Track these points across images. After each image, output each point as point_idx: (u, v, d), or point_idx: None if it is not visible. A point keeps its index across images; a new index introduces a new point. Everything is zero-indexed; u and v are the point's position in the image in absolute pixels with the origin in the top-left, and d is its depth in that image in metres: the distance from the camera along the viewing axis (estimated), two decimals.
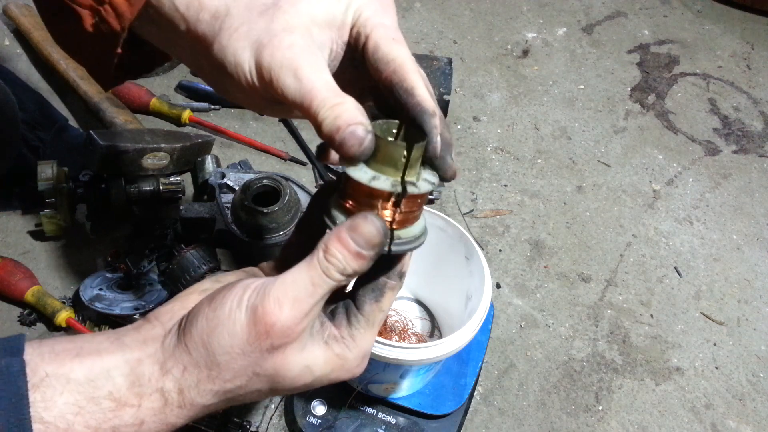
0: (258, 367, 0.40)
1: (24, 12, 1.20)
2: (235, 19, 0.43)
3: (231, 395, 0.42)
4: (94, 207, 0.96)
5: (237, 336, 0.39)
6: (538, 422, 0.85)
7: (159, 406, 0.40)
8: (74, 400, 0.38)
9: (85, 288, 0.85)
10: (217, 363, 0.40)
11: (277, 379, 0.41)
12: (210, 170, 1.00)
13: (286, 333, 0.39)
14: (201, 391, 0.41)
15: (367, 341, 0.44)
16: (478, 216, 1.07)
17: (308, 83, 0.40)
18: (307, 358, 0.42)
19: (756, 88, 1.37)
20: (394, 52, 0.42)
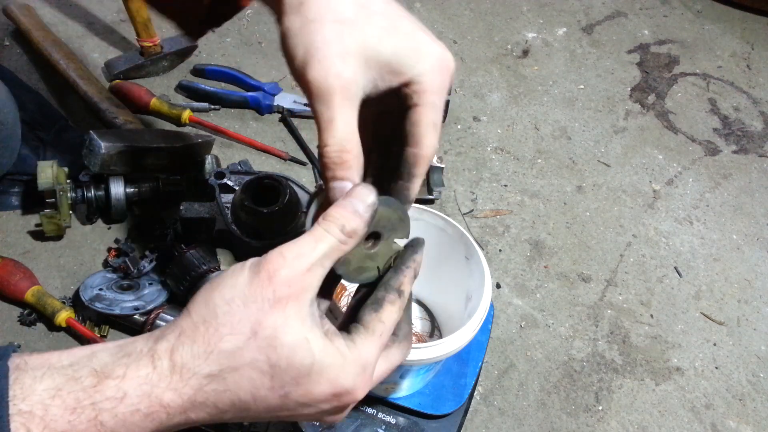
0: (257, 323, 0.38)
1: (24, 12, 1.20)
2: (313, 9, 0.44)
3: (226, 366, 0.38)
4: (94, 207, 0.96)
5: (238, 287, 0.39)
6: (538, 422, 0.85)
7: (146, 373, 0.37)
8: (54, 384, 0.36)
9: (85, 288, 0.85)
10: (215, 316, 0.38)
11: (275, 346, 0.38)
12: (210, 170, 1.00)
13: (289, 282, 0.38)
14: (194, 354, 0.38)
15: (367, 348, 0.42)
16: (478, 216, 1.07)
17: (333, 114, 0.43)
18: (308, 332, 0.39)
19: (756, 88, 1.37)
20: (427, 139, 0.46)
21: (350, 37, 0.43)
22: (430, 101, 0.46)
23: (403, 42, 0.45)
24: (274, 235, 0.91)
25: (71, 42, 1.23)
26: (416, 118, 0.46)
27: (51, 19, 1.27)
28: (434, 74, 0.46)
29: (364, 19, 0.44)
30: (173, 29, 0.64)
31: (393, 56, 0.44)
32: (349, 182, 0.44)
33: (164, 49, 1.18)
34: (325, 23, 0.43)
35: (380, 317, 0.43)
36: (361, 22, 0.44)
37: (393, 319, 0.44)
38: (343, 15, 0.44)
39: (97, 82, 1.11)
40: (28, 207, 0.98)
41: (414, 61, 0.45)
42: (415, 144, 0.47)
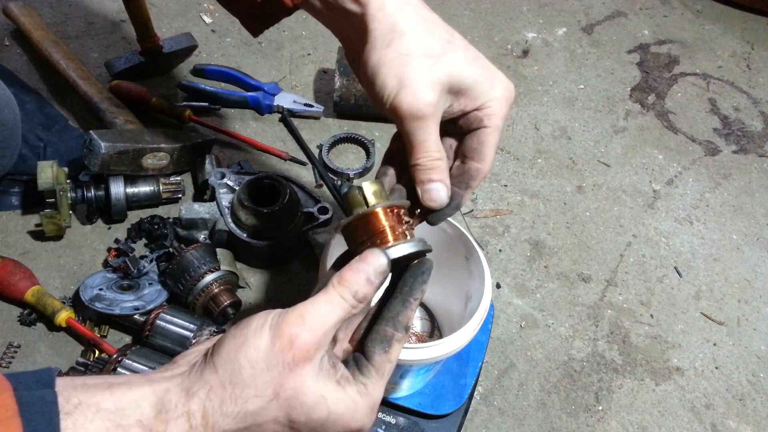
0: (279, 386, 0.42)
1: (24, 12, 1.20)
2: (405, 45, 0.51)
3: (251, 423, 0.43)
4: (94, 207, 0.96)
5: (261, 349, 0.43)
6: (538, 422, 0.85)
7: (184, 430, 0.42)
8: (104, 427, 0.39)
9: (85, 288, 0.85)
10: (242, 378, 0.42)
11: (295, 406, 0.43)
12: (210, 170, 1.00)
13: (308, 347, 0.43)
14: (224, 413, 0.42)
15: (377, 391, 0.46)
16: (478, 216, 1.07)
17: (424, 135, 0.51)
18: (322, 388, 0.44)
19: (756, 88, 1.37)
20: (490, 157, 0.54)
21: (438, 68, 0.51)
22: (497, 124, 0.54)
23: (481, 72, 0.53)
24: (274, 235, 0.91)
25: (71, 42, 1.23)
26: (484, 138, 0.54)
27: (51, 19, 1.27)
28: (502, 101, 0.54)
29: (451, 52, 0.52)
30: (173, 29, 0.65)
31: (472, 84, 0.52)
32: (441, 182, 0.52)
33: (164, 49, 1.18)
34: (416, 57, 0.51)
35: (389, 357, 0.47)
36: (448, 55, 0.51)
37: (398, 355, 0.48)
38: (432, 50, 0.51)
39: (97, 82, 1.11)
40: (28, 207, 0.98)
41: (488, 88, 0.53)
42: (480, 160, 0.54)
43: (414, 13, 0.52)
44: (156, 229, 0.95)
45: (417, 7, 0.53)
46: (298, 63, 1.27)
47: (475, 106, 0.53)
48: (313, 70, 1.26)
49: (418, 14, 0.52)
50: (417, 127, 0.51)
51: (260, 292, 0.94)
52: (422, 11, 0.53)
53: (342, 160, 1.12)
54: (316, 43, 1.31)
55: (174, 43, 1.19)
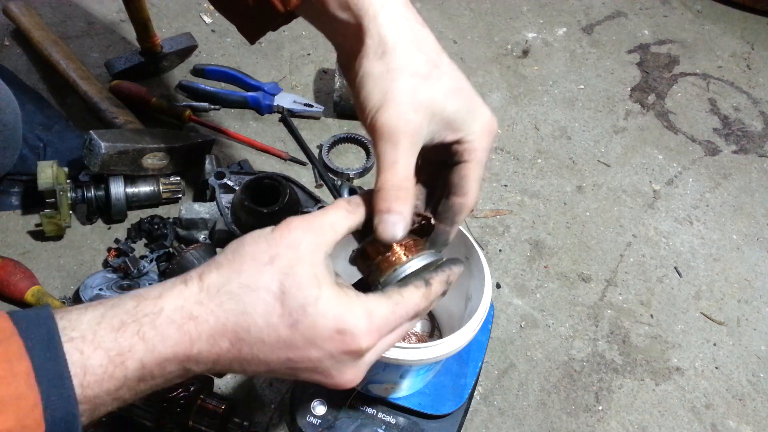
0: (275, 255, 0.43)
1: (24, 12, 1.20)
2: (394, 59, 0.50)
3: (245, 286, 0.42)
4: (94, 207, 0.96)
5: (265, 232, 0.45)
6: (538, 422, 0.85)
7: (178, 291, 0.42)
8: (100, 312, 0.41)
9: (85, 288, 0.85)
10: (242, 249, 0.44)
11: (288, 274, 0.42)
12: (210, 170, 1.00)
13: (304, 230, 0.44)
14: (221, 275, 0.43)
15: (376, 303, 0.45)
16: (478, 216, 1.07)
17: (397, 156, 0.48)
18: (319, 273, 0.43)
19: (756, 88, 1.37)
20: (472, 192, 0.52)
21: (423, 90, 0.49)
22: (479, 159, 0.52)
23: (463, 103, 0.51)
24: None
25: (71, 42, 1.23)
26: (465, 173, 0.52)
27: (51, 19, 1.27)
28: (484, 135, 0.52)
29: (436, 77, 0.50)
30: (173, 29, 0.65)
31: (453, 114, 0.50)
32: (400, 215, 0.48)
33: (164, 49, 1.18)
34: (403, 74, 0.49)
35: (401, 291, 0.46)
36: (433, 79, 0.50)
37: (413, 301, 0.46)
38: (420, 70, 0.49)
39: (97, 82, 1.11)
40: (28, 207, 0.98)
41: (470, 121, 0.51)
42: (462, 195, 0.52)
43: (406, 28, 0.51)
44: (156, 229, 0.95)
45: (409, 20, 0.51)
46: (298, 63, 1.27)
47: (455, 137, 0.51)
48: (313, 70, 1.26)
49: (410, 29, 0.51)
50: (391, 147, 0.48)
51: None
52: (414, 26, 0.52)
53: (342, 160, 1.12)
54: (316, 43, 1.31)
55: (174, 43, 1.20)
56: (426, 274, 0.48)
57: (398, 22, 0.50)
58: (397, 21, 0.50)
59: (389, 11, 0.51)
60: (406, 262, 0.48)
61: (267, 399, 0.83)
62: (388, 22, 0.50)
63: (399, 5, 0.52)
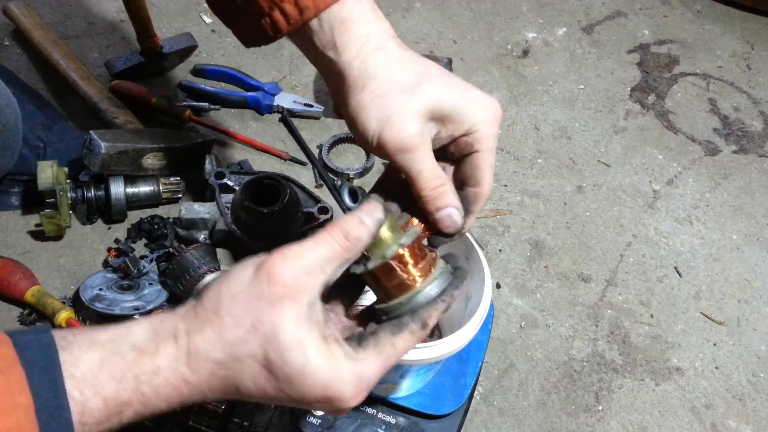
0: (257, 319, 0.42)
1: (24, 12, 1.20)
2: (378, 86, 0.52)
3: (230, 355, 0.42)
4: (94, 207, 0.96)
5: (243, 282, 0.43)
6: (538, 422, 0.85)
7: (172, 351, 0.42)
8: (99, 356, 0.41)
9: (85, 288, 0.85)
10: (222, 307, 0.43)
11: (272, 343, 0.41)
12: (210, 170, 1.00)
13: (286, 283, 0.42)
14: (205, 339, 0.42)
15: (367, 365, 0.44)
16: (478, 216, 1.07)
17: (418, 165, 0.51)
18: (303, 334, 0.42)
19: (756, 88, 1.37)
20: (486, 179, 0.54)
21: (415, 99, 0.51)
22: (488, 147, 0.53)
23: (460, 95, 0.52)
24: (274, 235, 0.91)
25: (71, 42, 1.23)
26: (477, 162, 0.53)
27: (51, 19, 1.27)
28: (489, 122, 0.53)
29: (426, 81, 0.51)
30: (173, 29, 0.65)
31: (454, 108, 0.52)
32: (453, 207, 0.52)
33: (164, 49, 1.18)
34: (391, 95, 0.51)
35: (394, 342, 0.45)
36: (422, 85, 0.51)
37: (406, 348, 0.46)
38: (407, 85, 0.51)
39: (97, 82, 1.11)
40: (28, 207, 0.98)
41: (472, 110, 0.52)
42: (476, 184, 0.54)
43: (385, 57, 0.52)
44: (156, 229, 0.95)
45: (389, 50, 0.53)
46: (298, 63, 1.27)
47: (463, 130, 0.53)
48: (313, 70, 1.26)
49: (389, 57, 0.53)
50: (409, 159, 0.51)
51: None
52: (395, 53, 0.53)
53: (342, 160, 1.12)
54: None
55: (174, 43, 1.19)
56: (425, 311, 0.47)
57: (377, 54, 0.52)
58: (376, 54, 0.52)
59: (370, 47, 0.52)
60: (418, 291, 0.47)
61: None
62: (367, 56, 0.52)
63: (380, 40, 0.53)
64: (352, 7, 0.53)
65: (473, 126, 0.53)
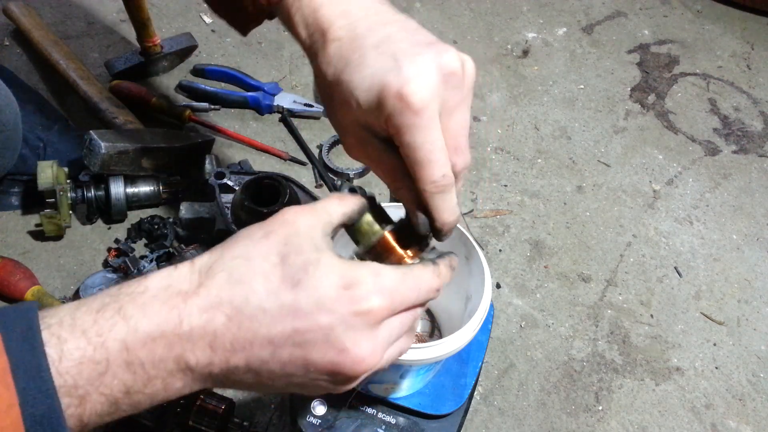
0: (270, 230, 0.41)
1: (24, 12, 1.20)
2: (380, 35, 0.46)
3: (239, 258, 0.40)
4: (94, 207, 0.96)
5: (257, 225, 0.42)
6: (538, 422, 0.85)
7: (167, 273, 0.40)
8: (80, 301, 0.39)
9: (85, 288, 0.85)
10: (237, 237, 0.42)
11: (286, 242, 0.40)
12: (210, 170, 1.00)
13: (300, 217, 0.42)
14: (213, 256, 0.40)
15: (387, 270, 0.41)
16: (478, 216, 1.07)
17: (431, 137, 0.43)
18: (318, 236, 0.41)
19: (756, 88, 1.37)
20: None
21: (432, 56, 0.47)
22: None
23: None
24: None
25: (71, 42, 1.23)
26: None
27: (51, 19, 1.27)
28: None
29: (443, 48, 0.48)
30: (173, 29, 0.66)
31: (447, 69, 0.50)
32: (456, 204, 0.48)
33: (164, 49, 1.18)
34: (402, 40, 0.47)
35: (411, 267, 0.43)
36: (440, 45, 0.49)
37: (423, 276, 0.43)
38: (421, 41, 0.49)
39: (97, 82, 1.11)
40: (28, 207, 0.98)
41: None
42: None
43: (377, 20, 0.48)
44: (156, 229, 0.95)
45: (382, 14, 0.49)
46: (298, 63, 1.27)
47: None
48: None
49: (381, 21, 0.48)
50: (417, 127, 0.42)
51: None
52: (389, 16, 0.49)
53: (342, 160, 1.12)
54: None
55: (174, 43, 1.20)
56: (433, 255, 0.48)
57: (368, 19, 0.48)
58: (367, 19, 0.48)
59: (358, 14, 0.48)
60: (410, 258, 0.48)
61: (267, 399, 0.83)
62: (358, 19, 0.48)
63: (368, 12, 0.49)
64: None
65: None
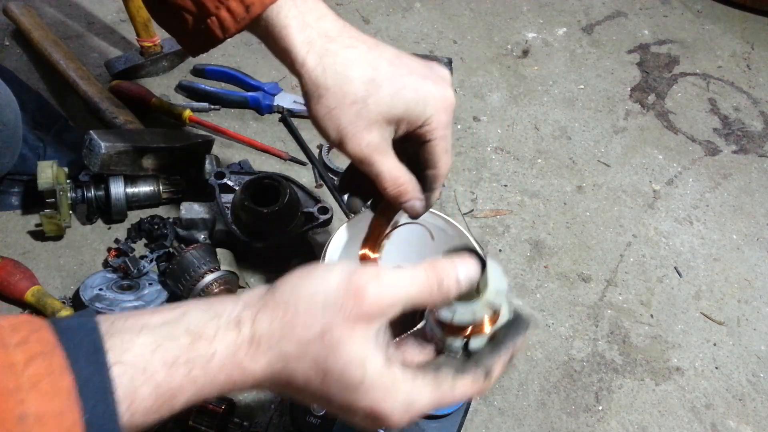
0: (328, 328, 0.41)
1: (24, 12, 1.20)
2: (330, 99, 0.56)
3: (292, 353, 0.41)
4: (94, 207, 0.96)
5: (326, 287, 0.42)
6: (538, 422, 0.85)
7: (232, 338, 0.41)
8: (151, 340, 0.39)
9: (85, 288, 0.85)
10: (296, 306, 0.42)
11: (335, 354, 0.41)
12: (210, 170, 1.00)
13: (371, 305, 0.41)
14: (272, 330, 0.41)
15: (423, 395, 0.43)
16: (478, 216, 1.07)
17: (378, 169, 0.59)
18: (369, 352, 0.42)
19: (756, 88, 1.37)
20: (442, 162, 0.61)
21: (367, 111, 0.55)
22: (440, 135, 0.59)
23: (411, 96, 0.56)
24: (274, 235, 0.91)
25: (71, 42, 1.23)
26: (432, 149, 0.60)
27: (51, 19, 1.27)
28: (440, 114, 0.58)
29: (375, 92, 0.55)
30: None
31: (405, 110, 0.56)
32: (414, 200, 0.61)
33: (164, 49, 1.18)
34: (344, 108, 0.55)
35: (455, 384, 0.44)
36: (372, 96, 0.55)
37: (464, 393, 0.45)
38: (357, 95, 0.55)
39: (97, 82, 1.11)
40: (28, 207, 0.98)
41: (422, 109, 0.57)
42: (434, 167, 0.61)
43: (333, 64, 0.55)
44: (156, 229, 0.95)
45: (335, 54, 0.56)
46: None
47: (417, 125, 0.58)
48: None
49: (337, 63, 0.55)
50: (371, 164, 0.57)
51: None
52: (342, 55, 0.56)
53: (342, 160, 1.12)
54: None
55: (174, 43, 1.19)
56: (488, 359, 0.46)
57: (324, 62, 0.55)
58: (323, 61, 0.55)
59: (314, 53, 0.55)
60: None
61: (267, 399, 0.83)
62: (316, 64, 0.55)
63: (322, 43, 0.55)
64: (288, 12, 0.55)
65: (426, 121, 0.58)
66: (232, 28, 0.57)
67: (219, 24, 0.58)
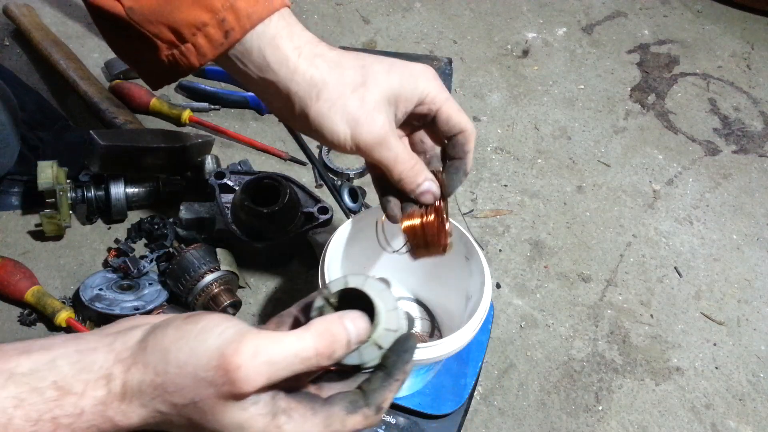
0: (200, 400, 0.39)
1: (24, 12, 1.20)
2: (332, 91, 0.55)
3: (162, 415, 0.40)
4: (94, 207, 0.96)
5: (198, 357, 0.39)
6: (538, 422, 0.85)
7: (102, 395, 0.39)
8: (16, 393, 0.38)
9: (85, 288, 0.85)
10: (165, 372, 0.40)
11: (210, 421, 0.40)
12: (210, 170, 1.00)
13: (244, 384, 0.38)
14: (142, 391, 0.40)
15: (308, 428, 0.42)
16: (478, 216, 1.07)
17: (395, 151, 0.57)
18: (243, 417, 0.40)
19: (756, 88, 1.37)
20: (463, 121, 0.60)
21: (369, 93, 0.56)
22: (444, 99, 0.59)
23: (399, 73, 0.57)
24: (274, 235, 0.91)
25: (71, 42, 1.23)
26: (446, 115, 0.59)
27: (51, 19, 1.27)
28: (431, 83, 0.58)
29: (371, 75, 0.56)
30: None
31: (400, 87, 0.57)
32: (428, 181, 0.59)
33: None
34: (348, 95, 0.55)
35: (345, 420, 0.43)
36: (369, 78, 0.56)
37: (356, 428, 0.44)
38: (356, 81, 0.56)
39: (97, 82, 1.11)
40: (28, 207, 0.98)
41: (414, 82, 0.58)
42: (460, 130, 0.60)
43: (325, 62, 0.56)
44: (156, 229, 0.95)
45: (325, 55, 0.56)
46: None
47: (414, 102, 0.58)
48: None
49: (329, 61, 0.56)
50: (385, 149, 0.57)
51: (260, 292, 0.94)
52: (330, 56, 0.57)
53: (342, 160, 1.12)
54: None
55: None
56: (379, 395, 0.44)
57: (317, 63, 0.56)
58: (316, 63, 0.55)
59: (305, 58, 0.55)
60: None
61: None
62: (308, 66, 0.55)
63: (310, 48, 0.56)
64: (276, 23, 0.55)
65: (421, 93, 0.58)
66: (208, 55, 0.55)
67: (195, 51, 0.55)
